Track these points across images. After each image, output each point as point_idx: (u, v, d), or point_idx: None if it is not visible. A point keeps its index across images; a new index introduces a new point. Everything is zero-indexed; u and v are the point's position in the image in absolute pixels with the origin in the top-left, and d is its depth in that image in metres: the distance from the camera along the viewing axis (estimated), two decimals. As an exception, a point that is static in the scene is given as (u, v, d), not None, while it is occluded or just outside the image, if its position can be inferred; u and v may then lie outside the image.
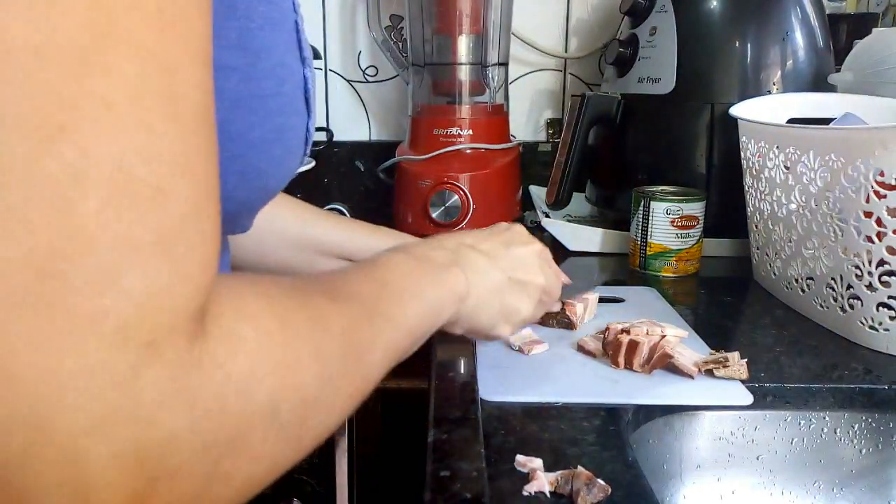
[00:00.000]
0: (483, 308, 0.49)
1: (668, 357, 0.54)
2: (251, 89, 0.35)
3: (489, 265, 0.50)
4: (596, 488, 0.39)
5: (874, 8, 1.14)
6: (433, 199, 0.98)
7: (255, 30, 0.35)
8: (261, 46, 0.35)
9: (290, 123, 0.39)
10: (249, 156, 0.36)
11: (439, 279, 0.45)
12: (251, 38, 0.35)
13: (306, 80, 0.41)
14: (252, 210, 0.42)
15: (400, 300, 0.41)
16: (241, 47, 0.34)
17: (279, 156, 0.39)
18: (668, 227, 0.81)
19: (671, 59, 0.90)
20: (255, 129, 0.36)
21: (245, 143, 0.36)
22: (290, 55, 0.39)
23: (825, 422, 0.55)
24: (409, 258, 0.45)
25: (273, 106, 0.37)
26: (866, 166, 0.59)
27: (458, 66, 1.05)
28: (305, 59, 0.41)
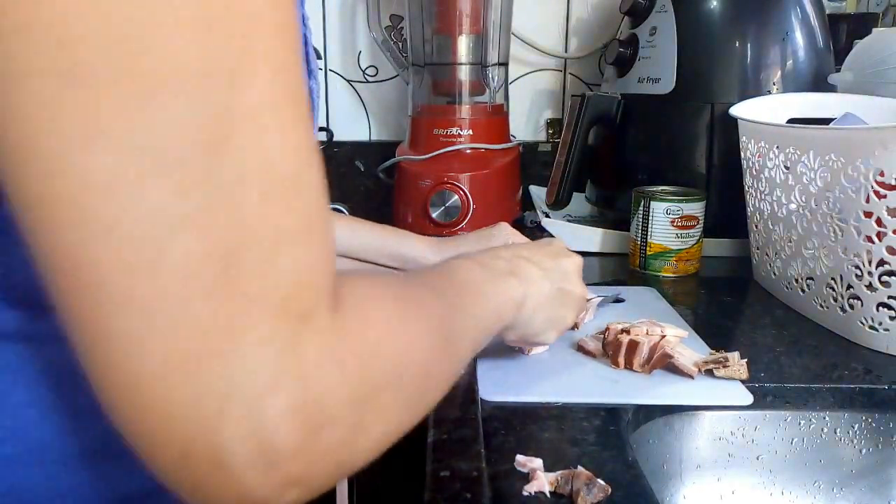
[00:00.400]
0: (536, 316, 0.51)
1: (668, 357, 0.54)
2: None
3: (541, 276, 0.52)
4: (596, 488, 0.39)
5: (874, 8, 1.14)
6: (433, 199, 0.98)
7: None
8: None
9: None
10: None
11: (501, 286, 0.48)
12: None
13: (311, 91, 0.43)
14: None
15: (475, 300, 0.44)
16: None
17: None
18: (668, 227, 0.81)
19: (671, 59, 0.90)
20: None
21: None
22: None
23: (825, 422, 0.54)
24: (475, 265, 0.47)
25: None
26: (866, 166, 0.59)
27: (458, 66, 1.05)
28: (311, 71, 0.43)
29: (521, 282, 0.50)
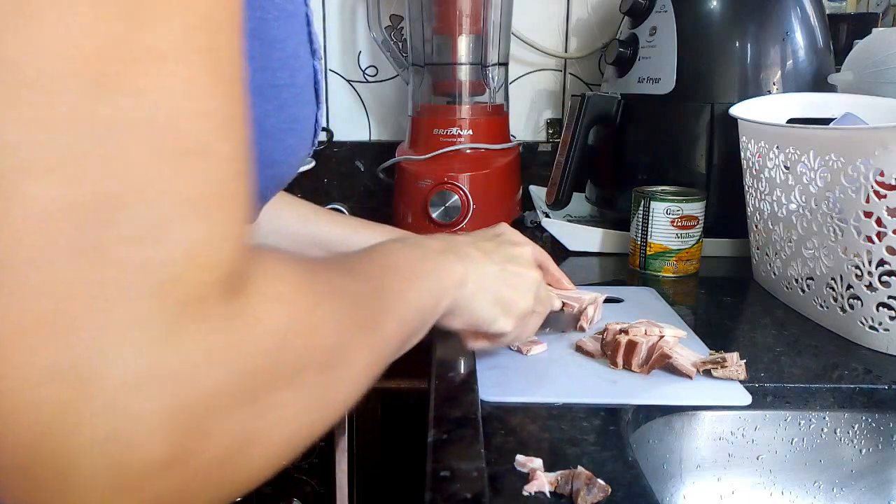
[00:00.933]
0: (481, 297, 0.48)
1: (667, 357, 0.54)
2: (266, 78, 0.36)
3: (483, 257, 0.50)
4: (596, 488, 0.39)
5: (874, 8, 1.14)
6: (433, 199, 0.98)
7: (271, 20, 0.35)
8: (275, 37, 0.36)
9: (303, 114, 0.40)
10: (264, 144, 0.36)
11: (437, 263, 0.45)
12: (267, 29, 0.35)
13: (316, 71, 0.42)
14: (262, 199, 0.42)
15: (405, 278, 0.41)
16: (257, 37, 0.34)
17: (291, 145, 0.39)
18: (668, 227, 0.81)
19: (671, 59, 0.90)
20: (270, 118, 0.37)
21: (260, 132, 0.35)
22: (302, 47, 0.40)
23: (825, 422, 0.55)
24: (406, 245, 0.45)
25: (287, 96, 0.38)
26: (866, 166, 0.59)
27: (458, 66, 1.05)
28: (315, 51, 0.42)
29: (460, 260, 0.48)
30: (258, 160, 0.36)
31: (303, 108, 0.40)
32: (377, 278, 0.38)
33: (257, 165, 0.36)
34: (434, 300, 0.44)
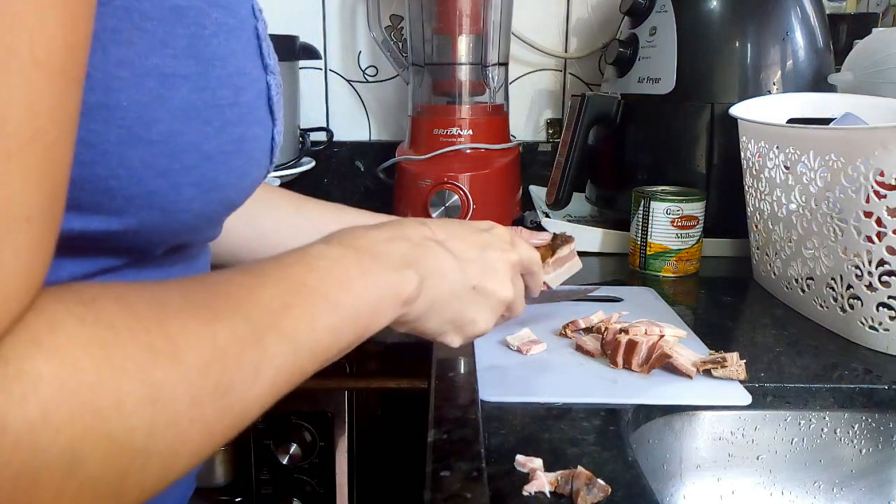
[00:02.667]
0: (434, 314, 0.45)
1: (667, 357, 0.54)
2: (204, 99, 0.34)
3: (454, 269, 0.45)
4: (596, 488, 0.39)
5: (874, 8, 1.14)
6: (433, 199, 0.98)
7: (208, 37, 0.34)
8: (214, 54, 0.34)
9: (251, 133, 0.38)
10: (205, 168, 0.35)
11: (381, 280, 0.40)
12: (203, 46, 0.33)
13: (269, 87, 0.40)
14: (213, 221, 0.40)
15: (313, 310, 0.35)
16: (191, 55, 0.33)
17: (239, 167, 0.37)
18: (668, 226, 0.81)
19: (671, 59, 0.90)
20: (210, 140, 0.35)
21: (200, 155, 0.34)
22: (250, 63, 0.37)
23: (825, 422, 0.55)
24: (348, 253, 0.39)
25: (231, 116, 0.36)
26: (866, 166, 0.59)
27: (458, 66, 1.05)
28: (268, 66, 0.39)
29: (419, 273, 0.42)
30: (200, 184, 0.35)
31: (251, 128, 0.38)
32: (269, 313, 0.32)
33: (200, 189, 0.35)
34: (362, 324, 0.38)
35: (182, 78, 0.33)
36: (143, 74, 0.31)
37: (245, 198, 0.40)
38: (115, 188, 0.32)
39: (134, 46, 0.30)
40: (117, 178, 0.31)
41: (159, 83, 0.32)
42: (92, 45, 0.29)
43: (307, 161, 1.11)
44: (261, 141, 0.39)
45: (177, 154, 0.33)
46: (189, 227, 0.36)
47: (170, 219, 0.34)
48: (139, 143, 0.31)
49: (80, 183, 0.30)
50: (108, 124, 0.30)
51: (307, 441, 0.77)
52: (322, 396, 0.76)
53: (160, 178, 0.33)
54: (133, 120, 0.31)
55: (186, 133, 0.33)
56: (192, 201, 0.35)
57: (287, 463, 0.77)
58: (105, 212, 0.32)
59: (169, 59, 0.32)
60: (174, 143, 0.33)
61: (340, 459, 0.77)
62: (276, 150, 0.42)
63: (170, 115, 0.32)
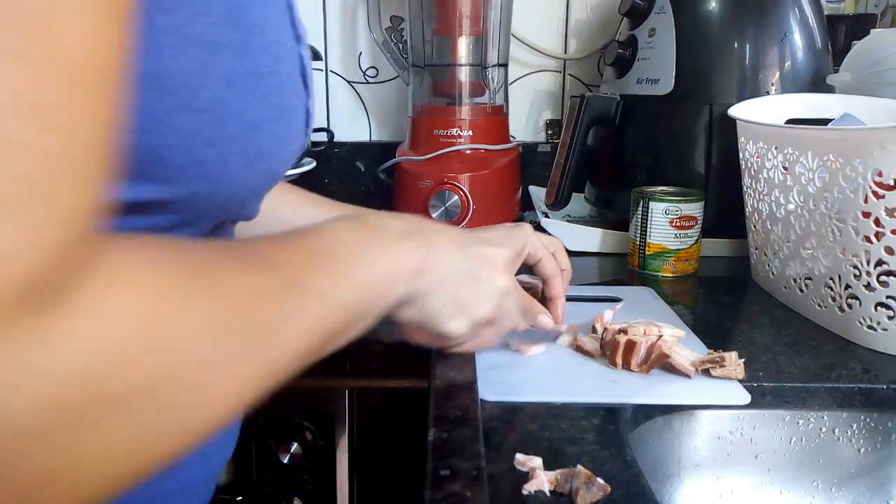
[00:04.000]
0: (440, 291, 0.45)
1: (666, 357, 0.54)
2: (247, 67, 0.34)
3: (455, 249, 0.46)
4: (595, 487, 0.39)
5: (872, 9, 1.14)
6: (433, 199, 0.98)
7: (247, 5, 0.34)
8: (253, 22, 0.34)
9: (290, 103, 0.38)
10: (250, 136, 0.35)
11: (392, 247, 0.41)
12: (242, 14, 0.34)
13: (302, 58, 0.40)
14: (257, 194, 0.41)
15: (333, 270, 0.36)
16: (231, 24, 0.33)
17: (281, 136, 0.38)
18: (667, 227, 0.82)
19: (670, 60, 0.90)
20: (254, 109, 0.35)
21: (244, 124, 0.35)
22: (284, 33, 0.38)
23: (824, 421, 0.55)
24: (356, 225, 0.41)
25: (271, 84, 0.36)
26: (864, 167, 0.59)
27: (458, 68, 1.05)
28: (300, 37, 0.40)
29: (423, 245, 0.43)
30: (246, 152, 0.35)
31: (289, 97, 0.38)
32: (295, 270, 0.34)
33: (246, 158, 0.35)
34: (381, 288, 0.40)
35: (224, 46, 0.33)
36: (189, 42, 0.31)
37: (286, 168, 0.41)
38: (166, 157, 0.32)
39: (177, 14, 0.31)
40: (168, 147, 0.32)
41: (204, 51, 0.32)
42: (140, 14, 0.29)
43: (308, 161, 1.11)
44: (298, 111, 0.40)
45: (223, 122, 0.33)
46: (237, 199, 0.38)
47: (219, 189, 0.35)
48: (187, 111, 0.32)
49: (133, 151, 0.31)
50: (159, 92, 0.31)
51: (308, 440, 0.77)
52: (323, 396, 0.76)
53: (208, 146, 0.33)
54: (182, 88, 0.31)
55: (231, 101, 0.34)
56: (239, 171, 0.35)
57: (287, 462, 0.77)
58: (157, 181, 0.32)
59: (210, 27, 0.32)
60: (220, 111, 0.33)
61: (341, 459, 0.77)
62: (310, 121, 0.42)
63: (215, 83, 0.33)
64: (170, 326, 0.25)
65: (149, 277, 0.25)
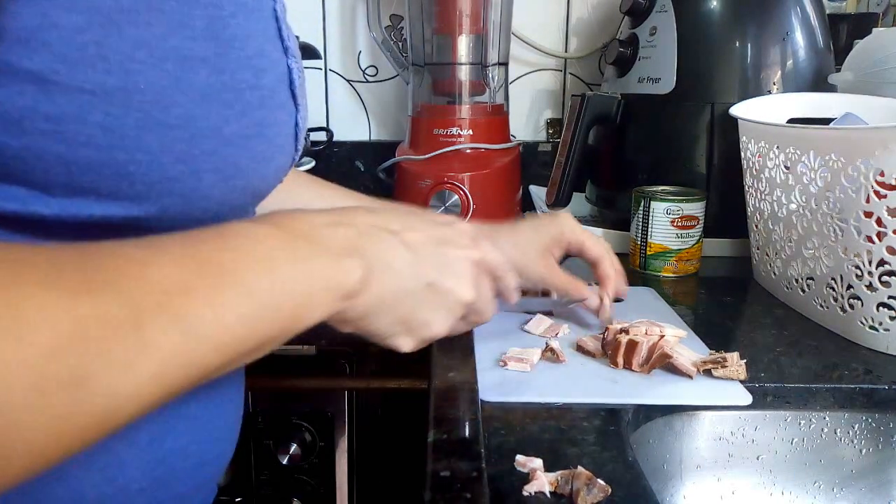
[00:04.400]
0: (382, 312, 0.39)
1: (667, 357, 0.54)
2: (224, 81, 0.33)
3: (407, 262, 0.40)
4: (596, 488, 0.39)
5: (874, 8, 1.14)
6: (433, 199, 0.98)
7: (227, 17, 0.33)
8: (233, 35, 0.33)
9: (273, 118, 0.37)
10: (225, 152, 0.34)
11: (315, 267, 0.34)
12: (222, 27, 0.33)
13: (290, 70, 0.38)
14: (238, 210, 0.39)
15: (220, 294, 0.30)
16: (210, 37, 0.32)
17: (261, 152, 0.36)
18: (668, 226, 0.81)
19: (671, 58, 0.90)
20: (230, 124, 0.34)
21: (219, 139, 0.33)
22: (269, 45, 0.37)
23: (825, 422, 0.54)
24: (277, 233, 0.34)
25: (251, 99, 0.35)
26: (866, 166, 0.59)
27: (458, 66, 1.05)
28: (288, 48, 0.38)
29: (365, 263, 0.37)
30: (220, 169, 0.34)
31: (273, 112, 0.37)
32: (158, 291, 0.27)
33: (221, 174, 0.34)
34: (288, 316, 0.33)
35: (201, 60, 0.32)
36: (162, 57, 0.31)
37: (271, 186, 0.39)
38: (134, 173, 0.31)
39: (151, 28, 0.30)
40: (136, 164, 0.31)
41: (178, 66, 0.31)
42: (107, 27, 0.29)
43: (307, 161, 1.11)
44: (284, 126, 0.38)
45: (196, 138, 0.32)
46: (211, 214, 0.35)
47: (191, 206, 0.34)
48: (158, 127, 0.31)
49: (98, 168, 0.30)
50: (126, 108, 0.30)
51: (307, 441, 0.77)
52: (322, 396, 0.76)
53: (179, 163, 0.32)
54: (151, 104, 0.31)
55: (206, 117, 0.33)
56: (212, 187, 0.34)
57: (287, 463, 0.77)
58: (125, 198, 0.32)
59: (188, 40, 0.31)
60: (193, 127, 0.32)
61: (340, 459, 0.77)
62: (300, 135, 0.41)
63: (188, 99, 0.32)
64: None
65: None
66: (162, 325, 0.27)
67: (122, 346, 0.26)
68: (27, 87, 0.28)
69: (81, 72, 0.29)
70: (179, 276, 0.28)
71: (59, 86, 0.28)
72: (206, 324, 0.29)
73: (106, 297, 0.26)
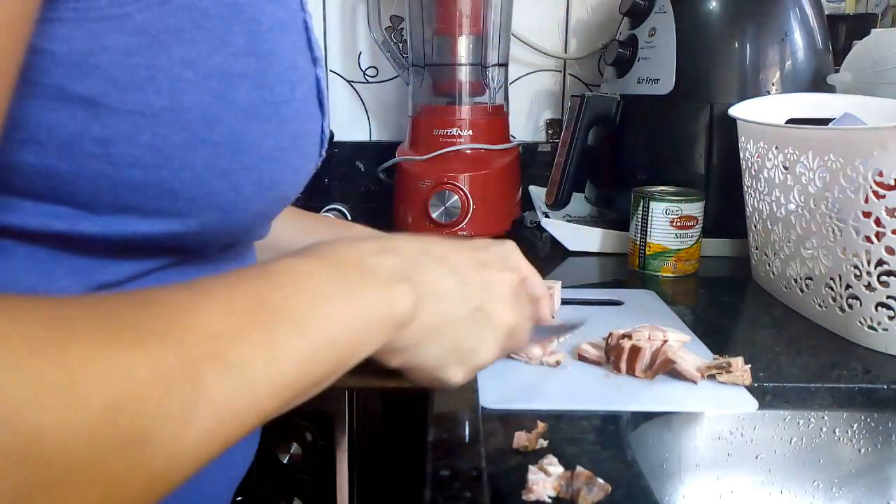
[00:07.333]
0: (432, 341, 0.38)
1: (671, 362, 0.53)
2: (264, 97, 0.34)
3: (454, 287, 0.39)
4: (596, 487, 0.39)
5: (873, 8, 1.14)
6: (433, 199, 0.98)
7: (264, 32, 0.33)
8: (271, 50, 0.34)
9: (305, 129, 0.38)
10: (264, 166, 0.34)
11: (368, 298, 0.33)
12: (261, 42, 0.33)
13: (318, 80, 0.39)
14: (268, 218, 0.40)
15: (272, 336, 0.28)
16: (251, 52, 0.33)
17: (294, 163, 0.37)
18: (668, 227, 0.82)
19: (670, 59, 0.90)
20: (269, 139, 0.34)
21: (259, 154, 0.34)
22: (300, 56, 0.37)
23: (824, 421, 0.55)
24: (324, 266, 0.33)
25: (287, 112, 0.35)
26: (865, 166, 0.59)
27: (458, 67, 1.05)
28: (317, 59, 0.39)
29: (415, 290, 0.36)
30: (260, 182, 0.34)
31: (305, 123, 0.37)
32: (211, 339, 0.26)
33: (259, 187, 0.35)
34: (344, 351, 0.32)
35: (242, 76, 0.32)
36: (207, 75, 0.31)
37: (298, 192, 0.39)
38: (178, 191, 0.31)
39: (196, 46, 0.30)
40: (181, 182, 0.31)
41: (221, 83, 0.31)
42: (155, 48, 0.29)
43: (309, 162, 1.11)
44: (313, 135, 0.39)
45: (238, 154, 0.33)
46: (246, 226, 0.36)
47: (229, 219, 0.34)
48: (203, 145, 0.31)
49: (144, 187, 0.31)
50: (173, 128, 0.30)
51: (307, 441, 0.77)
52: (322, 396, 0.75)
53: (222, 178, 0.33)
54: (197, 122, 0.31)
55: (247, 132, 0.33)
56: (250, 200, 0.34)
57: (287, 463, 0.77)
58: (168, 214, 0.32)
59: (230, 57, 0.32)
60: (236, 143, 0.32)
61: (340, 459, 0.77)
62: (325, 142, 0.41)
63: (232, 116, 0.32)
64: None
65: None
66: (218, 372, 0.26)
67: (180, 400, 0.24)
68: (78, 111, 0.28)
69: (132, 94, 0.29)
70: (229, 320, 0.27)
71: (109, 109, 0.29)
72: (259, 369, 0.27)
73: (159, 349, 0.24)
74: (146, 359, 0.24)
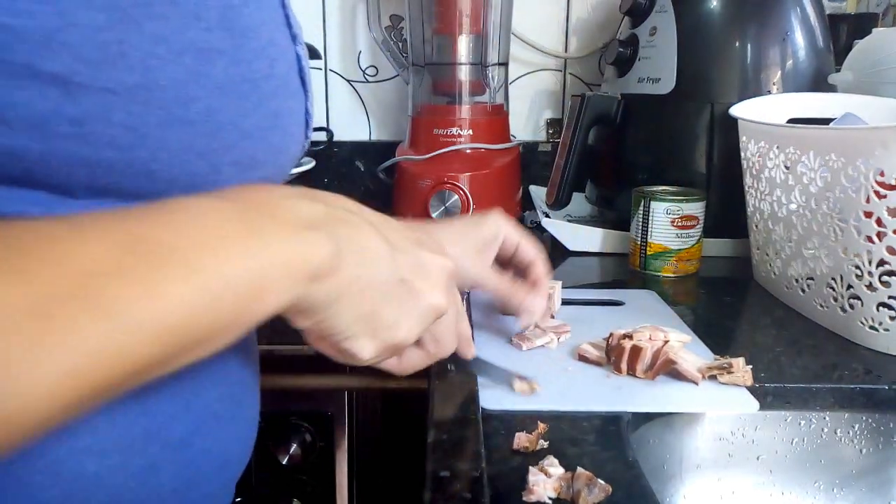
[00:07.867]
0: (349, 303, 0.34)
1: (672, 363, 0.53)
2: (241, 73, 0.33)
3: (383, 252, 0.35)
4: (597, 488, 0.39)
5: (874, 8, 1.14)
6: (433, 199, 0.98)
7: (239, 7, 0.33)
8: (247, 26, 0.33)
9: (287, 106, 0.37)
10: (244, 145, 0.34)
11: (276, 241, 0.30)
12: (235, 17, 0.33)
13: (299, 57, 0.38)
14: None
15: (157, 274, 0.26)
16: (225, 28, 0.32)
17: (277, 143, 0.36)
18: (668, 226, 0.81)
19: (671, 59, 0.90)
20: (248, 117, 0.34)
21: (238, 133, 0.33)
22: (278, 33, 0.37)
23: (825, 422, 0.54)
24: (226, 205, 0.30)
25: (266, 89, 0.34)
26: (866, 166, 0.59)
27: (458, 66, 1.05)
28: (296, 36, 0.38)
29: (331, 241, 0.32)
30: (240, 162, 0.34)
31: (286, 101, 0.37)
32: (83, 273, 0.24)
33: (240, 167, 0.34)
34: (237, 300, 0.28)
35: (217, 52, 0.32)
36: (180, 51, 0.30)
37: (285, 175, 0.38)
38: (156, 171, 0.31)
39: (168, 21, 0.30)
40: (158, 162, 0.31)
41: (195, 59, 0.31)
42: (126, 23, 0.28)
43: (307, 161, 1.11)
44: (296, 115, 0.38)
45: (216, 133, 0.32)
46: None
47: None
48: (179, 123, 0.31)
49: (122, 168, 0.30)
50: (147, 106, 0.30)
51: (307, 441, 0.77)
52: (322, 396, 0.76)
53: (200, 158, 0.32)
54: (172, 100, 0.30)
55: (224, 110, 0.32)
56: (231, 180, 0.33)
57: (287, 463, 0.77)
58: (147, 195, 0.31)
59: (203, 32, 0.31)
60: (213, 121, 0.32)
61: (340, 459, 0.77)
62: (310, 123, 0.40)
63: (207, 93, 0.31)
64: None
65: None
66: (74, 313, 0.23)
67: (26, 339, 0.22)
68: (49, 89, 0.27)
69: (103, 71, 0.28)
70: (106, 256, 0.25)
71: (81, 87, 0.28)
72: (134, 310, 0.25)
73: (11, 285, 0.23)
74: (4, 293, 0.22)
